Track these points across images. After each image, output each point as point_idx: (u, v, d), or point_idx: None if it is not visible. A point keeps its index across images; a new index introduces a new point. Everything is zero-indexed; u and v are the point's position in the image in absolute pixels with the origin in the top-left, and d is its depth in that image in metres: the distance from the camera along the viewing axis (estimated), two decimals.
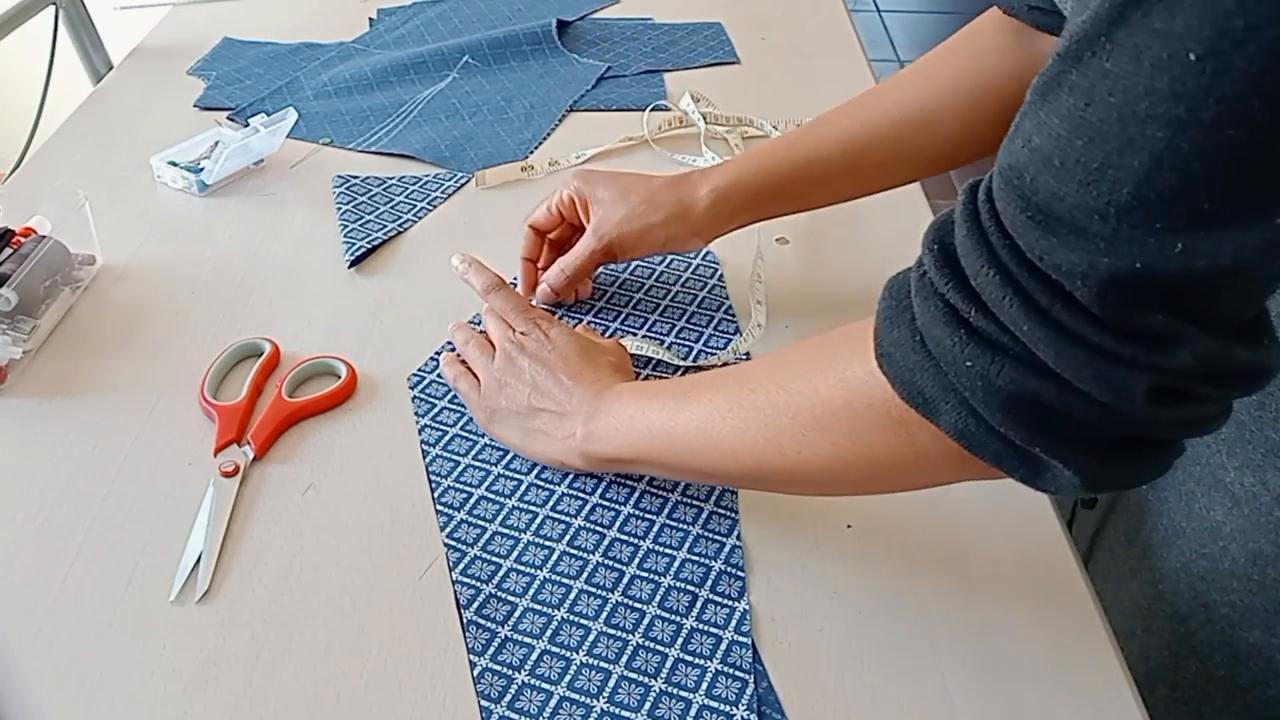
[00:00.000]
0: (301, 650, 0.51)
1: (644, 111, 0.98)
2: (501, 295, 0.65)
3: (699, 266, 0.76)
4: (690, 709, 0.48)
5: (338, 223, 0.84)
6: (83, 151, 0.95)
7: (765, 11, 1.20)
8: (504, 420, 0.61)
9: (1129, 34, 0.30)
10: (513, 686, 0.49)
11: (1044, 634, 0.52)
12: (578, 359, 0.60)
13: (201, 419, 0.65)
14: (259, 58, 1.11)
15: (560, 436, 0.58)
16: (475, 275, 0.67)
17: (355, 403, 0.67)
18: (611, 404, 0.56)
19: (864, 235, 0.81)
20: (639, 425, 0.54)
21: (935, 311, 0.38)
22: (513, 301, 0.65)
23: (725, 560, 0.55)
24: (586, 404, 0.57)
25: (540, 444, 0.59)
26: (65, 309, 0.75)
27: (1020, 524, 0.58)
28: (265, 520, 0.59)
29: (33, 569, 0.56)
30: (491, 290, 0.66)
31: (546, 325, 0.63)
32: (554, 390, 0.59)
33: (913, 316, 0.39)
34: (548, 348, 0.61)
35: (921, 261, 0.40)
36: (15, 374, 0.69)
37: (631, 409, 0.55)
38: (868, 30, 3.34)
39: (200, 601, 0.54)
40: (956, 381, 0.38)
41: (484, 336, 0.65)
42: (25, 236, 0.73)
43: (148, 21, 1.22)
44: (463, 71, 1.07)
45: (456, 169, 0.91)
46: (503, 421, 0.61)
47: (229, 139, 0.90)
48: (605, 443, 0.56)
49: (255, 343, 0.70)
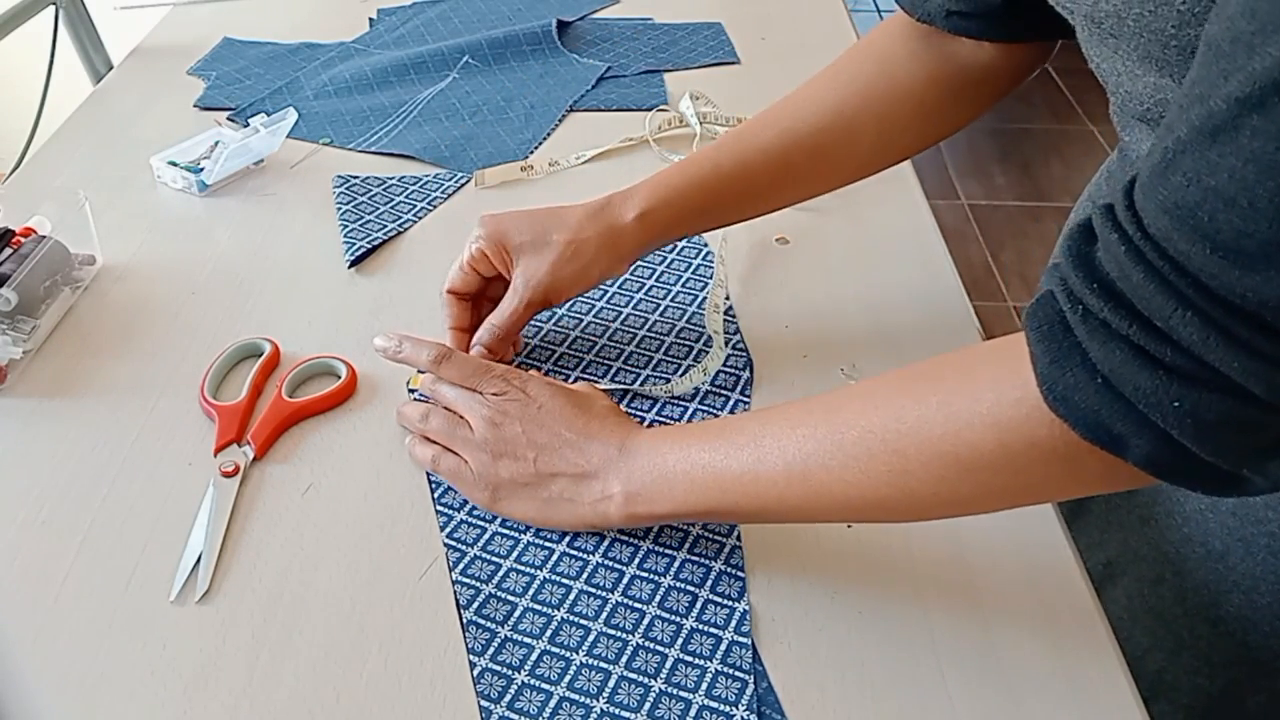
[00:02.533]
0: (301, 650, 0.51)
1: (644, 112, 0.99)
2: (455, 362, 0.60)
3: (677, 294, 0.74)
4: (690, 709, 0.48)
5: (338, 223, 0.84)
6: (83, 151, 0.95)
7: (765, 11, 1.20)
8: (511, 495, 0.56)
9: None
10: (513, 687, 0.49)
11: (1044, 634, 0.52)
12: (573, 411, 0.56)
13: (201, 419, 0.65)
14: (259, 58, 1.11)
15: (590, 501, 0.54)
16: (413, 349, 0.61)
17: (355, 403, 0.67)
18: (649, 457, 0.53)
19: (864, 235, 0.81)
20: (701, 476, 0.51)
21: (1123, 355, 0.37)
22: (470, 364, 0.59)
23: (725, 560, 0.55)
24: (613, 461, 0.53)
25: (565, 512, 0.55)
26: (65, 309, 0.75)
27: (1021, 524, 0.58)
28: (265, 520, 0.59)
29: (33, 569, 0.56)
30: (440, 360, 0.60)
31: (519, 381, 0.58)
32: (564, 451, 0.55)
33: (1083, 357, 0.39)
34: (534, 406, 0.56)
35: (1077, 299, 0.39)
36: (15, 374, 0.69)
37: (682, 459, 0.52)
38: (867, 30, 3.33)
39: (200, 601, 0.54)
40: (1159, 420, 0.37)
41: (443, 410, 0.60)
42: (25, 236, 0.73)
43: (148, 21, 1.22)
44: (463, 71, 1.07)
45: (456, 169, 0.91)
46: (510, 496, 0.56)
47: (229, 139, 0.90)
48: (659, 501, 0.52)
49: (255, 343, 0.70)
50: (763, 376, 0.68)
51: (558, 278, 0.64)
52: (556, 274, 0.64)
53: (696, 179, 0.65)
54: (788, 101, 0.67)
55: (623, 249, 0.65)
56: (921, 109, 0.65)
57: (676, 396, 0.66)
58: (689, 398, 0.66)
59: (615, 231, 0.64)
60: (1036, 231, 2.51)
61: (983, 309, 2.16)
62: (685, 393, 0.66)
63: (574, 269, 0.64)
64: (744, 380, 0.67)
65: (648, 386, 0.66)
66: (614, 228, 0.64)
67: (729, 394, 0.66)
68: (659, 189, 0.65)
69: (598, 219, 0.65)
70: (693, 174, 0.65)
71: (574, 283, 0.65)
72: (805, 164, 0.66)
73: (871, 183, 0.69)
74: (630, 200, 0.65)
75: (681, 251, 0.79)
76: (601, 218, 0.65)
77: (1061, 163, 2.80)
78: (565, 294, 0.65)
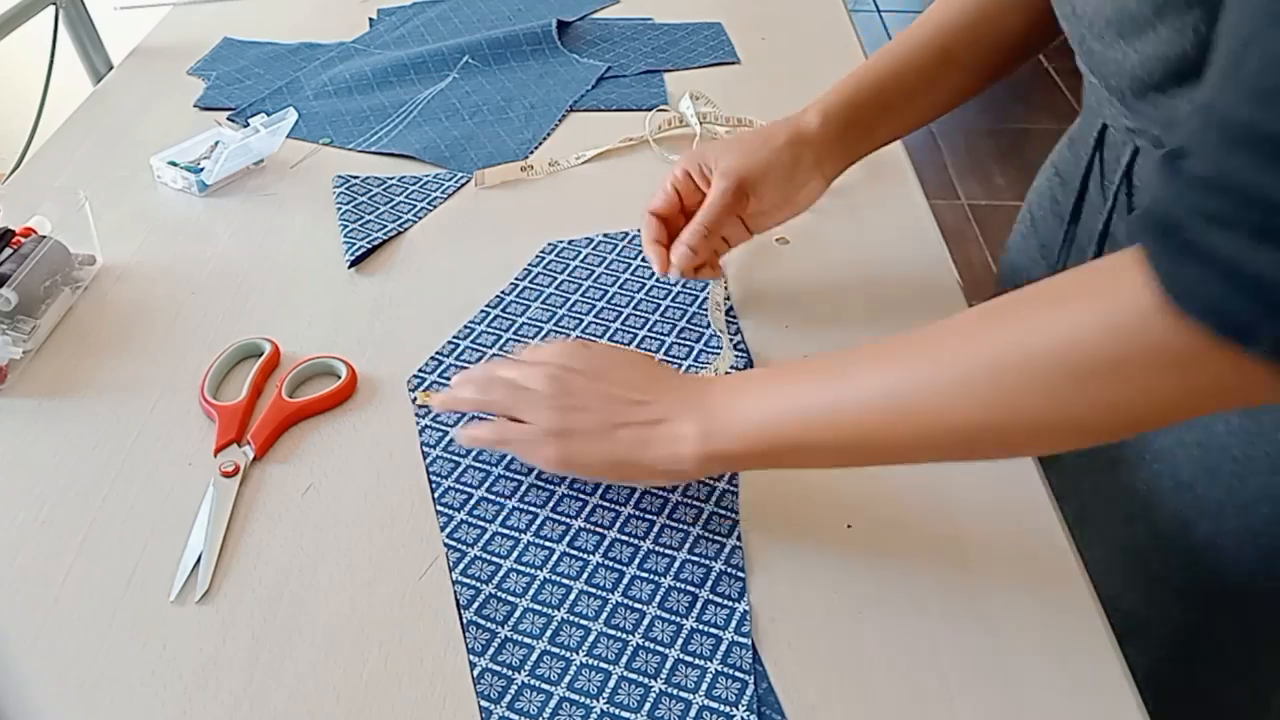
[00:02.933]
0: (301, 650, 0.51)
1: (644, 112, 0.98)
2: (500, 362, 0.59)
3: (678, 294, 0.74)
4: (690, 710, 0.48)
5: (338, 223, 0.84)
6: (83, 151, 0.95)
7: (765, 11, 1.20)
8: (582, 448, 0.54)
9: None
10: (513, 687, 0.49)
11: (1044, 634, 0.52)
12: (637, 359, 0.57)
13: (201, 419, 0.65)
14: (259, 58, 1.11)
15: (663, 446, 0.52)
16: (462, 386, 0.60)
17: (355, 403, 0.67)
18: (724, 396, 0.52)
19: (864, 235, 0.81)
20: (782, 410, 0.50)
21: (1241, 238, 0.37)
22: (514, 355, 0.59)
23: (725, 561, 0.55)
24: (684, 403, 0.53)
25: (637, 459, 0.53)
26: (65, 309, 0.75)
27: (1021, 524, 0.58)
28: (265, 520, 0.59)
29: (33, 569, 0.56)
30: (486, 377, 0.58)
31: (571, 342, 0.58)
32: (634, 396, 0.54)
33: (1199, 251, 0.38)
34: (596, 359, 0.56)
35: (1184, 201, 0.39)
36: (15, 374, 0.69)
37: (760, 396, 0.51)
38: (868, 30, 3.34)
39: (200, 601, 0.54)
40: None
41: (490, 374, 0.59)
42: (25, 236, 0.73)
43: (148, 21, 1.22)
44: (463, 71, 1.07)
45: (456, 169, 0.91)
46: (581, 450, 0.54)
47: (229, 139, 0.90)
48: (735, 438, 0.51)
49: (255, 343, 0.70)
50: None
51: (752, 164, 0.66)
52: (749, 159, 0.66)
53: (867, 79, 0.69)
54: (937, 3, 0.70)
55: (810, 142, 0.67)
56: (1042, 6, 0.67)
57: None
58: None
59: (800, 131, 0.67)
60: None
61: None
62: None
63: (764, 156, 0.67)
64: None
65: None
66: (799, 129, 0.67)
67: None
68: (833, 94, 0.69)
69: (784, 122, 0.68)
70: (862, 76, 0.69)
71: (767, 168, 0.67)
72: (964, 53, 0.69)
73: (871, 183, 0.70)
74: (810, 109, 0.68)
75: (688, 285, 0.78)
76: (788, 122, 0.68)
77: None
78: (759, 183, 0.67)
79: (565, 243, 0.81)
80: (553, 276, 0.77)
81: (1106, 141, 0.65)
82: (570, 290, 0.76)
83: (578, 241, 0.81)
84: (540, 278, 0.77)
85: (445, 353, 0.70)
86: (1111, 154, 0.64)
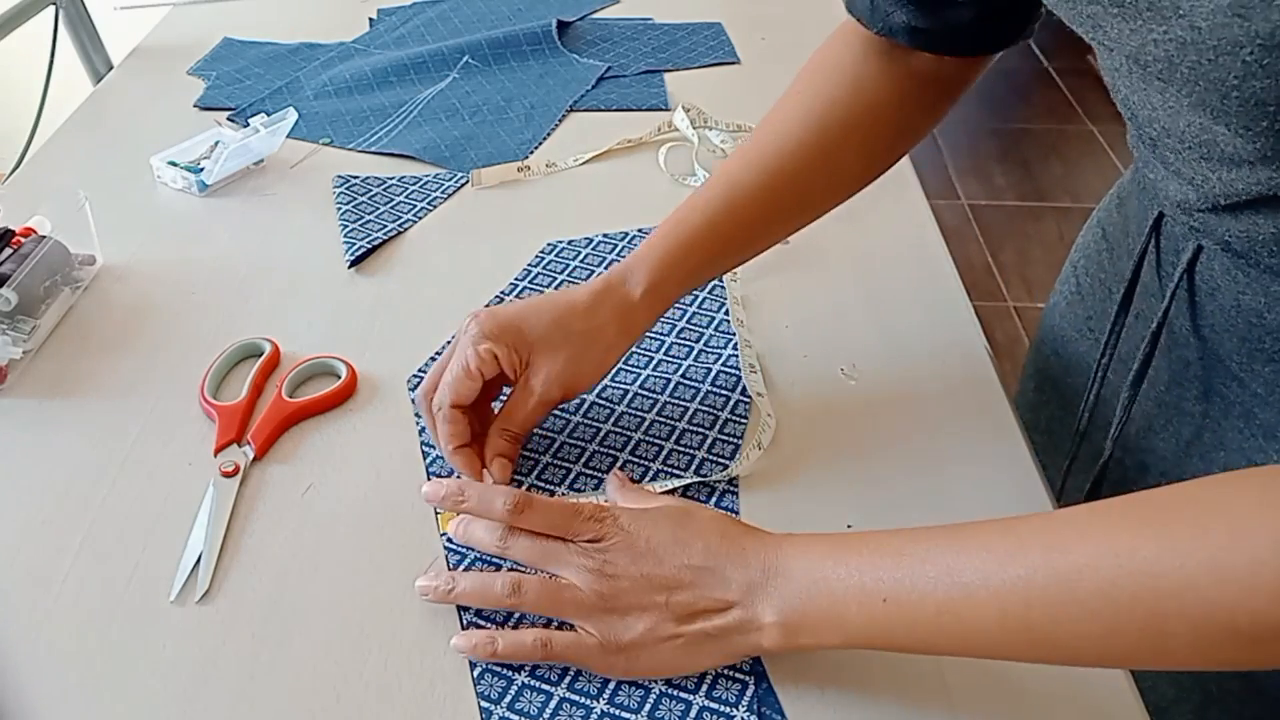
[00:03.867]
0: (301, 650, 0.51)
1: (644, 112, 0.98)
2: (538, 510, 0.51)
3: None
4: (690, 710, 0.48)
5: (338, 223, 0.84)
6: (83, 151, 0.95)
7: (765, 11, 1.20)
8: (649, 653, 0.48)
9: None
10: (513, 687, 0.49)
11: None
12: (686, 535, 0.49)
13: (201, 419, 0.65)
14: (259, 58, 1.11)
15: (738, 635, 0.47)
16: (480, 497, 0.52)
17: (355, 403, 0.67)
18: (807, 577, 0.46)
19: (864, 235, 0.81)
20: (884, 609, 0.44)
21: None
22: (555, 510, 0.51)
23: None
24: (760, 585, 0.47)
25: (711, 654, 0.48)
26: (65, 309, 0.75)
27: None
28: (265, 520, 0.59)
29: (33, 569, 0.56)
30: (521, 509, 0.51)
31: (608, 517, 0.50)
32: (697, 584, 0.47)
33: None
34: (640, 539, 0.49)
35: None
36: (15, 374, 0.69)
37: (853, 584, 0.45)
38: None
39: (200, 601, 0.54)
40: None
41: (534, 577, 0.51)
42: (25, 236, 0.73)
43: (148, 21, 1.22)
44: (463, 71, 1.07)
45: (456, 169, 0.91)
46: (648, 655, 0.48)
47: (229, 139, 0.90)
48: (825, 631, 0.45)
49: (255, 343, 0.70)
50: (762, 377, 0.68)
51: (581, 369, 0.60)
52: (579, 366, 0.60)
53: (692, 239, 0.62)
54: (767, 135, 0.64)
55: (636, 326, 0.62)
56: (896, 125, 0.65)
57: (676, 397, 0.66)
58: (687, 398, 0.66)
59: (626, 310, 0.61)
60: (1036, 231, 2.51)
61: (983, 309, 2.16)
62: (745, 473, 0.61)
63: (594, 357, 0.61)
64: (743, 383, 0.67)
65: (706, 474, 0.60)
66: (625, 307, 0.61)
67: (729, 394, 0.66)
68: (659, 259, 0.62)
69: (608, 300, 0.61)
70: (687, 234, 0.62)
71: (596, 371, 0.61)
72: (793, 200, 0.64)
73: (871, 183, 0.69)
74: (633, 276, 0.61)
75: (702, 305, 0.74)
76: (611, 299, 0.61)
77: (1061, 163, 2.80)
78: (587, 385, 0.62)
79: (565, 243, 0.81)
80: (553, 276, 0.77)
81: (1164, 231, 0.58)
82: None
83: (577, 241, 0.81)
84: (540, 278, 0.77)
85: None
86: (1169, 244, 0.57)
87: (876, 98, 0.63)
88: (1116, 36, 0.43)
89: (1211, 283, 0.53)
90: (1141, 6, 0.40)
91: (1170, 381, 0.59)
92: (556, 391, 0.59)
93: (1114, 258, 0.67)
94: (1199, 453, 0.57)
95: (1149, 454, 0.62)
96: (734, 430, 0.64)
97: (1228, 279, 0.52)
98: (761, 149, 0.64)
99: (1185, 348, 0.57)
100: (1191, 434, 0.58)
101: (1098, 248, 0.70)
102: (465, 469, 0.59)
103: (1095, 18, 0.44)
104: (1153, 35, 0.41)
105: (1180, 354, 0.58)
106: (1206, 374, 0.56)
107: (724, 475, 0.60)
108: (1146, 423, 0.62)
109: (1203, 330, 0.55)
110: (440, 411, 0.59)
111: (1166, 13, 0.39)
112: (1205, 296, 0.54)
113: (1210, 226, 0.51)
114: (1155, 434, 0.61)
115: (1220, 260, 0.52)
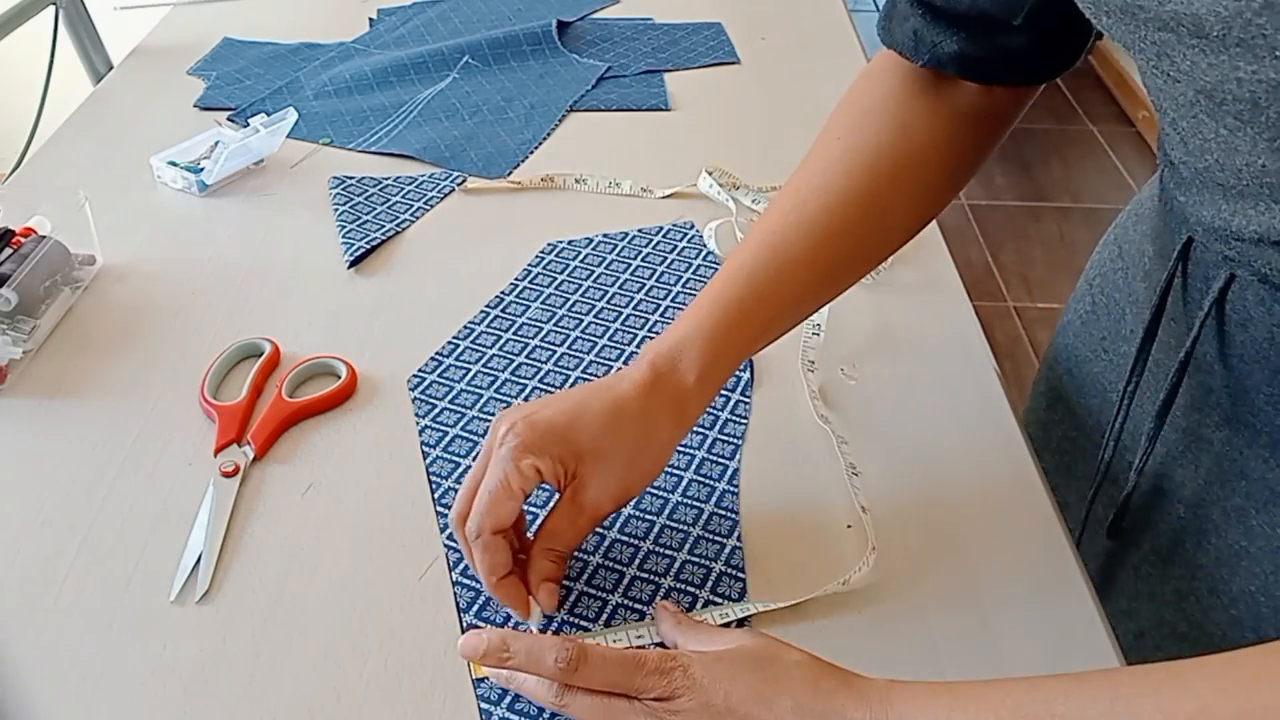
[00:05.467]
0: (301, 650, 0.51)
1: (643, 112, 0.98)
2: (594, 663, 0.45)
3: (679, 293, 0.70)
4: None
5: (336, 224, 0.84)
6: (83, 151, 0.95)
7: (765, 11, 1.20)
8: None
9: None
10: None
11: (1044, 635, 0.52)
12: (771, 687, 0.43)
13: (201, 419, 0.65)
14: (259, 58, 1.11)
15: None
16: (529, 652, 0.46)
17: (355, 403, 0.67)
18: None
19: None
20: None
21: None
22: (614, 662, 0.45)
23: (725, 562, 0.55)
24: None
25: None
26: (65, 309, 0.75)
27: (1022, 526, 0.58)
28: (265, 520, 0.59)
29: (33, 569, 0.56)
30: (577, 664, 0.45)
31: (678, 667, 0.44)
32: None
33: None
34: (718, 695, 0.43)
35: None
36: (15, 374, 0.69)
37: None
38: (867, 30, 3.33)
39: (200, 601, 0.54)
40: None
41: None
42: (25, 236, 0.73)
43: (148, 21, 1.22)
44: (463, 71, 1.07)
45: (456, 169, 0.91)
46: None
47: (229, 139, 0.90)
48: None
49: (255, 343, 0.70)
50: (763, 377, 0.68)
51: (634, 477, 0.53)
52: (632, 474, 0.53)
53: (741, 311, 0.55)
54: (810, 189, 0.58)
55: (689, 417, 0.55)
56: (947, 169, 0.60)
57: None
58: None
59: (680, 400, 0.53)
60: (1036, 231, 2.51)
61: (983, 309, 2.16)
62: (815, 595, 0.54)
63: (649, 461, 0.53)
64: (744, 380, 0.67)
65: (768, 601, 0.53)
66: (678, 396, 0.53)
67: (729, 394, 0.66)
68: (709, 338, 0.54)
69: (660, 393, 0.53)
70: (735, 307, 0.55)
71: (649, 476, 0.54)
72: (844, 260, 0.58)
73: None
74: (683, 359, 0.54)
75: None
76: (663, 391, 0.53)
77: (1061, 163, 2.80)
78: (639, 492, 0.55)
79: (565, 243, 0.81)
80: (552, 277, 0.77)
81: (1193, 257, 0.53)
82: (570, 290, 0.76)
83: (577, 241, 0.81)
84: (540, 278, 0.77)
85: (445, 353, 0.70)
86: (1198, 270, 0.53)
87: (926, 140, 0.58)
88: (1189, 70, 0.40)
89: (1244, 313, 0.50)
90: (1230, 41, 0.37)
91: (1189, 406, 0.56)
92: (609, 505, 0.53)
93: (1129, 278, 0.64)
94: (1219, 480, 0.55)
95: (1167, 480, 0.59)
96: None
97: (1261, 309, 0.49)
98: (805, 205, 0.57)
99: (1209, 374, 0.54)
100: (1212, 462, 0.56)
101: (1114, 266, 0.67)
102: (510, 603, 0.52)
103: (1164, 45, 0.40)
104: (1238, 73, 0.38)
105: (1203, 380, 0.55)
106: (1232, 403, 0.53)
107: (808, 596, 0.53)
108: (1165, 448, 0.59)
109: (1230, 360, 0.52)
110: (479, 540, 0.50)
111: (1260, 50, 0.36)
112: (1236, 327, 0.51)
113: (1248, 257, 0.48)
114: (1174, 460, 0.58)
115: (1255, 290, 0.49)
